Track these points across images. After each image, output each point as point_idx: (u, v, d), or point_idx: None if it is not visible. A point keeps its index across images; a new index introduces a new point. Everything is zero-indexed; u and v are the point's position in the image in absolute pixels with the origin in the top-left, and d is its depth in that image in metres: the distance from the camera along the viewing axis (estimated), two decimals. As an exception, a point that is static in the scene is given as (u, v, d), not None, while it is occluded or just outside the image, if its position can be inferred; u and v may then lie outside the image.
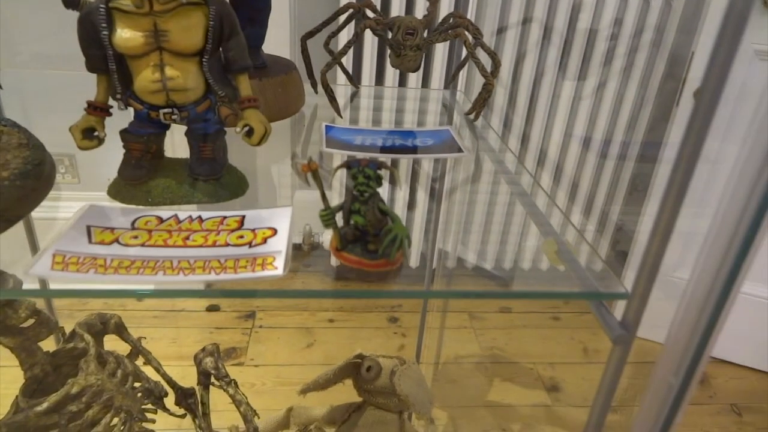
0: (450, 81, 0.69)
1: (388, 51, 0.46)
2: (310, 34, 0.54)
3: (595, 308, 0.38)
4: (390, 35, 0.44)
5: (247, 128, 0.41)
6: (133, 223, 0.36)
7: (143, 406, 0.51)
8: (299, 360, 1.27)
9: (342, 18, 0.52)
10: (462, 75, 0.83)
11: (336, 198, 0.40)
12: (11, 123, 0.35)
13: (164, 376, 0.57)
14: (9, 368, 1.12)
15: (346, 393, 0.67)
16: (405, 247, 0.37)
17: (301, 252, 1.49)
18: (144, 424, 0.51)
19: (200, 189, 0.40)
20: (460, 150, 0.52)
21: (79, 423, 0.45)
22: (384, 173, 0.38)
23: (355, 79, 1.01)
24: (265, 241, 0.37)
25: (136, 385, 0.51)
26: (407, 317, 1.39)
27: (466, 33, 0.45)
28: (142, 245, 0.33)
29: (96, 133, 0.37)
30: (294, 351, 1.29)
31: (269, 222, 0.40)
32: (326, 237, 1.39)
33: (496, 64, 0.47)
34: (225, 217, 0.39)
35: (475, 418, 1.13)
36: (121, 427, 0.47)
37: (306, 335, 1.33)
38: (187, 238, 0.35)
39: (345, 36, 0.99)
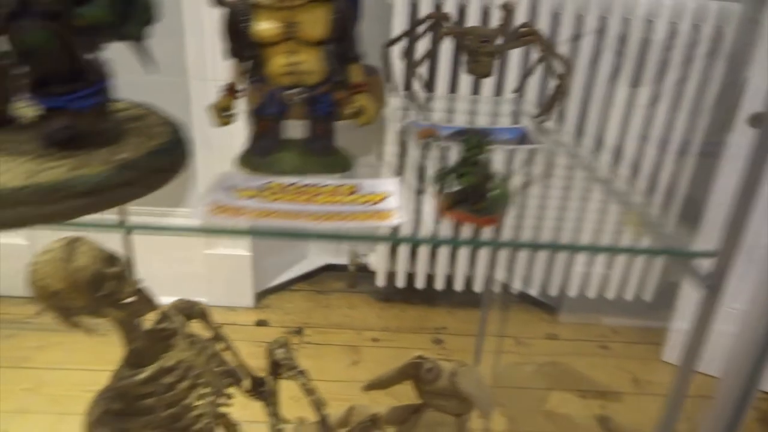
0: (520, 86, 0.73)
1: (465, 57, 0.50)
2: (392, 42, 0.59)
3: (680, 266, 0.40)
4: (466, 43, 0.49)
5: (356, 110, 0.46)
6: (263, 186, 0.42)
7: (225, 388, 0.55)
8: (344, 377, 1.29)
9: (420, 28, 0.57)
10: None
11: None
12: (150, 106, 0.41)
13: (241, 363, 0.60)
14: (77, 371, 1.17)
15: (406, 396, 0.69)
16: (508, 205, 0.41)
17: (347, 273, 1.52)
18: (224, 406, 0.54)
19: (315, 162, 0.46)
20: (536, 143, 0.55)
21: (172, 394, 0.49)
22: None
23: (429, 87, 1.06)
24: (381, 200, 0.43)
25: (219, 367, 0.55)
26: (452, 340, 1.39)
27: (538, 38, 0.49)
28: (279, 201, 0.39)
29: (230, 112, 0.44)
30: (339, 368, 1.31)
31: (381, 188, 0.45)
32: (372, 258, 1.43)
33: (568, 68, 0.51)
34: (341, 185, 0.44)
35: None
36: (210, 401, 0.50)
37: (351, 353, 1.35)
38: (315, 196, 0.41)
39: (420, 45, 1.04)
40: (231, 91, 0.44)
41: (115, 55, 0.39)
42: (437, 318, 1.45)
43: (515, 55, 1.15)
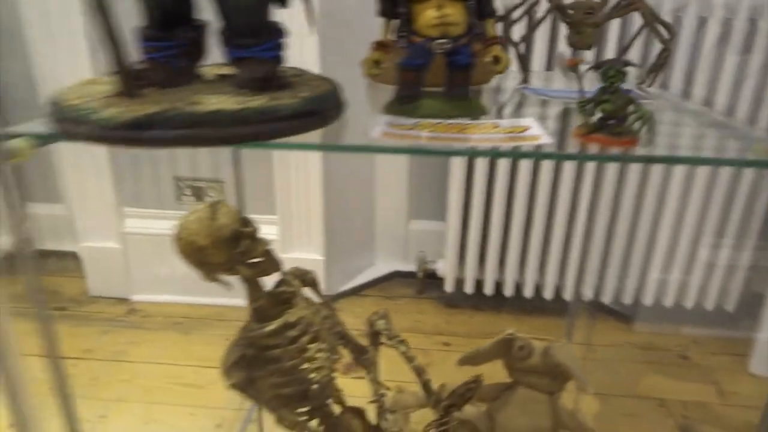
0: (623, 52, 0.76)
1: (567, 31, 0.54)
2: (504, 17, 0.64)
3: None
4: (569, 15, 0.53)
5: (493, 59, 0.53)
6: (415, 123, 0.48)
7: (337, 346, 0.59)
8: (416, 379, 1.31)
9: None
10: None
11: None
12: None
13: (345, 330, 0.64)
14: (166, 366, 1.23)
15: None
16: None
17: (416, 279, 1.54)
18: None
19: (455, 107, 0.51)
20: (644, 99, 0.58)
21: (295, 346, 0.53)
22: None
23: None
24: (525, 130, 0.47)
25: (331, 329, 0.59)
26: (523, 347, 1.39)
27: (642, 5, 0.52)
28: (434, 132, 0.44)
29: (381, 64, 0.50)
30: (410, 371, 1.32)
31: (520, 123, 0.50)
32: (440, 264, 1.44)
33: (671, 33, 0.54)
34: (483, 123, 0.50)
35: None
36: (324, 358, 0.54)
37: (422, 356, 1.36)
38: (464, 129, 0.46)
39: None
40: (381, 46, 0.50)
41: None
42: (505, 325, 1.44)
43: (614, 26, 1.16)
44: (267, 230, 0.52)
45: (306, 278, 0.60)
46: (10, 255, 0.46)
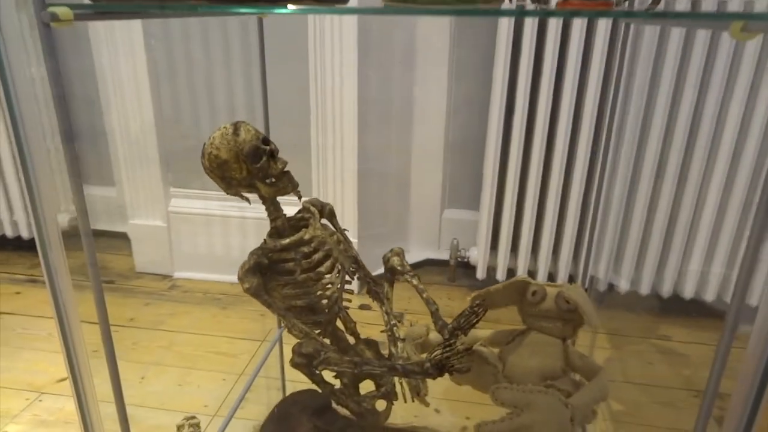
0: None
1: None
2: None
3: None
4: None
5: None
6: None
7: (350, 267, 0.61)
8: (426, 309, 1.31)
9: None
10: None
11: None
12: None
13: (360, 259, 0.67)
14: (201, 336, 1.29)
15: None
16: None
17: (448, 267, 1.56)
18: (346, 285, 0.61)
19: None
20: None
21: (308, 261, 0.56)
22: None
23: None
24: None
25: (346, 252, 0.62)
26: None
27: None
28: None
29: None
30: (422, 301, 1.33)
31: None
32: (473, 253, 1.46)
33: None
34: None
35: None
36: (337, 274, 0.57)
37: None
38: None
39: None
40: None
41: None
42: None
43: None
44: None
45: (325, 209, 0.63)
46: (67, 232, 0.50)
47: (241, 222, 1.44)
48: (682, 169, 1.26)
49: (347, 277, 0.61)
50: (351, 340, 0.66)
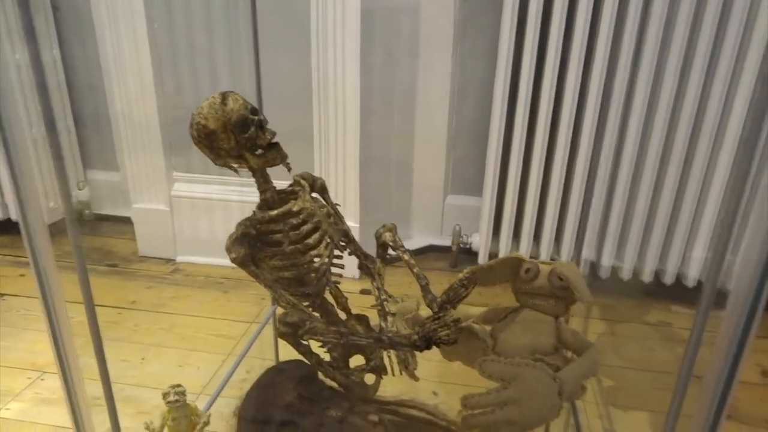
0: None
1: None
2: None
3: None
4: None
5: None
6: None
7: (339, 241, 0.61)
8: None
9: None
10: None
11: None
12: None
13: (351, 234, 0.67)
14: (201, 318, 1.30)
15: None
16: None
17: (450, 253, 1.56)
18: (335, 261, 0.61)
19: None
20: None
21: (296, 233, 0.56)
22: None
23: None
24: None
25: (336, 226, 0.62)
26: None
27: None
28: None
29: None
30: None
31: None
32: (475, 239, 1.45)
33: None
34: None
35: (637, 421, 1.06)
36: (325, 247, 0.57)
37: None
38: None
39: None
40: None
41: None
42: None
43: None
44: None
45: (316, 182, 0.63)
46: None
47: (243, 206, 1.44)
48: (687, 154, 1.24)
49: (338, 252, 0.61)
50: (343, 316, 0.66)
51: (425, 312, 0.66)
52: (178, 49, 1.37)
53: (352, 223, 1.43)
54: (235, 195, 1.43)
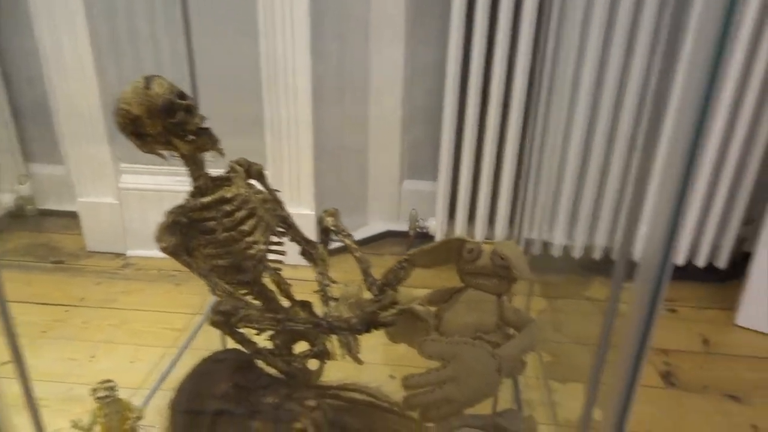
0: None
1: None
2: None
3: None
4: None
5: None
6: None
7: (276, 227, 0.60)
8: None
9: None
10: None
11: None
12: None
13: (291, 219, 0.66)
14: (154, 312, 1.25)
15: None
16: None
17: (407, 238, 1.55)
18: (274, 247, 0.60)
19: None
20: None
21: (230, 219, 0.55)
22: None
23: None
24: None
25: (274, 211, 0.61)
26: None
27: None
28: None
29: None
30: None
31: None
32: (431, 223, 1.46)
33: None
34: None
35: (575, 393, 1.09)
36: (262, 232, 0.56)
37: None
38: None
39: None
40: None
41: None
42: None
43: None
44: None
45: (252, 169, 0.62)
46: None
47: (194, 197, 1.41)
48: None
49: (277, 239, 0.60)
50: (287, 303, 0.65)
51: (369, 295, 0.66)
52: (119, 36, 1.33)
53: (307, 211, 1.42)
54: (185, 186, 1.39)
